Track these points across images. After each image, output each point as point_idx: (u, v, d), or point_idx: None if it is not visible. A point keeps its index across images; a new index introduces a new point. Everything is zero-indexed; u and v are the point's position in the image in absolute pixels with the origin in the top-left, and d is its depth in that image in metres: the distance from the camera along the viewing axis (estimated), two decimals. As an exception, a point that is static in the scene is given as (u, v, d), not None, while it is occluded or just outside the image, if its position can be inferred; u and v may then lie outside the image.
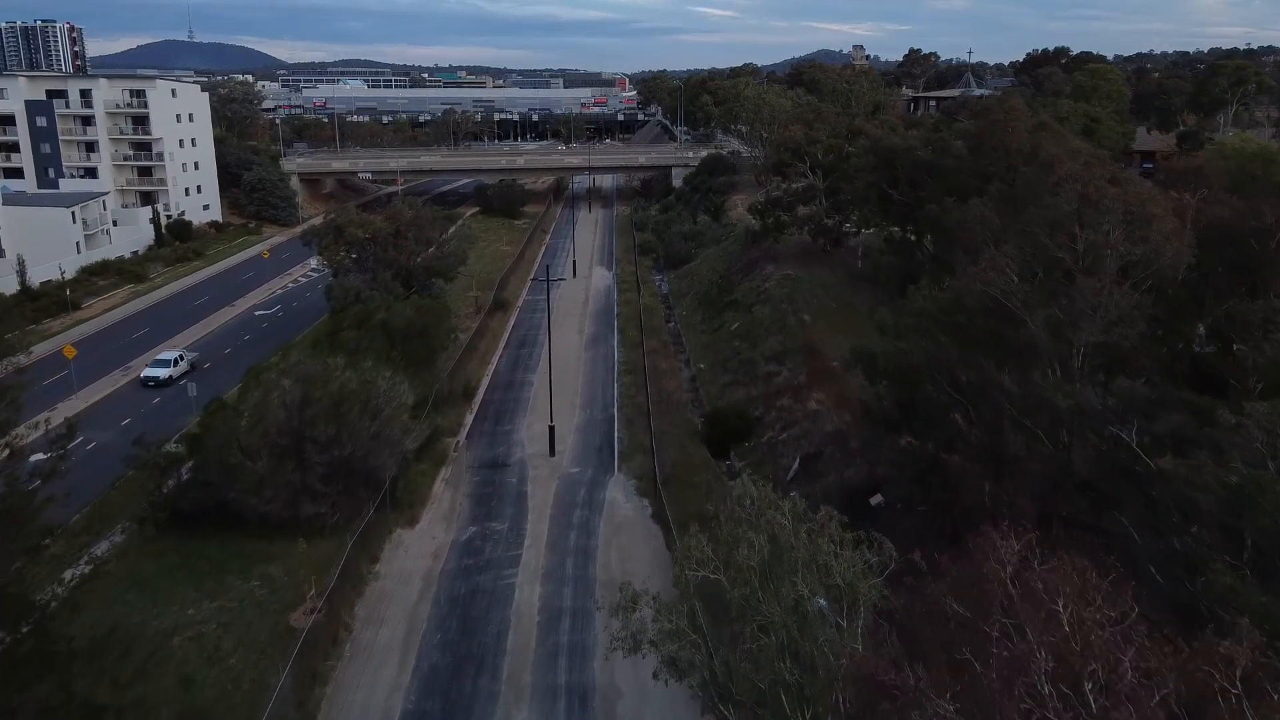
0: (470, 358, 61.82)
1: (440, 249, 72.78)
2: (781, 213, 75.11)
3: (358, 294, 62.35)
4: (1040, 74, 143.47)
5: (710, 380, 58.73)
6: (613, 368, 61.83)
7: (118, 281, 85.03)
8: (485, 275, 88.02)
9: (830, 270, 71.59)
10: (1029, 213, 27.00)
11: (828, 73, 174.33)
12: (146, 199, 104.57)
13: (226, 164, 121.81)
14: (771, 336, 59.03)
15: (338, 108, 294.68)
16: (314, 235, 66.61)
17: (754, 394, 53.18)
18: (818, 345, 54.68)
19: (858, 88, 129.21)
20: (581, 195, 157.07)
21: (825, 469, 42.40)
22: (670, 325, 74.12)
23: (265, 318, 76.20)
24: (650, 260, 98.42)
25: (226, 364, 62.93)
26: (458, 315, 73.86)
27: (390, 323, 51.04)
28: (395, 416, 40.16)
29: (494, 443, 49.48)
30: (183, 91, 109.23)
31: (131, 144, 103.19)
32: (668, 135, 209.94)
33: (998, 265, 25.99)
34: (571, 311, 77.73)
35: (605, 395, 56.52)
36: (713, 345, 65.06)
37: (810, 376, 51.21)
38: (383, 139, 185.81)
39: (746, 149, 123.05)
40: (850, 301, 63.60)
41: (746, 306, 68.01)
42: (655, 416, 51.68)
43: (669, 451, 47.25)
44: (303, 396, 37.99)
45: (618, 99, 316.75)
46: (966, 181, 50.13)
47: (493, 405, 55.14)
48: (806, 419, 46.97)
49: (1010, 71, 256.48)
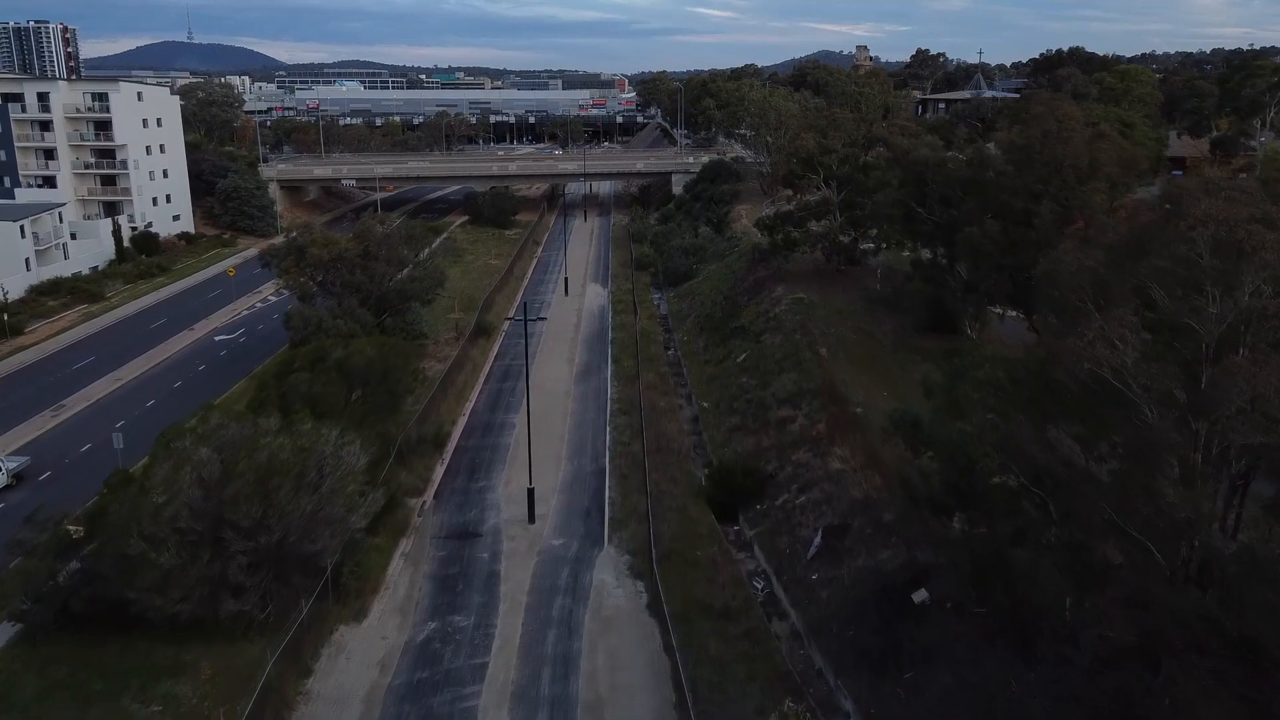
0: (445, 395, 55.09)
1: (417, 269, 66.01)
2: (792, 229, 68.46)
3: (319, 323, 55.58)
4: (1058, 75, 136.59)
5: (715, 423, 51.98)
6: (605, 406, 55.09)
7: (70, 301, 78.30)
8: (469, 294, 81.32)
9: (846, 293, 64.90)
10: (1145, 264, 20.23)
11: (834, 74, 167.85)
12: (111, 209, 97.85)
13: (201, 171, 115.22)
14: (784, 373, 52.28)
15: (331, 110, 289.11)
16: (273, 256, 59.86)
17: (765, 444, 46.42)
18: (837, 386, 47.95)
19: (868, 90, 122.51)
20: (577, 202, 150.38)
21: (853, 547, 35.62)
22: (670, 353, 67.38)
23: (226, 344, 69.46)
24: (648, 276, 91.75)
25: (174, 401, 56.21)
26: (435, 341, 67.37)
27: (348, 363, 44.25)
28: (340, 489, 33.39)
29: (465, 504, 42.72)
30: (150, 94, 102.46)
31: (93, 151, 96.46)
32: (667, 138, 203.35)
33: (1112, 335, 19.25)
34: (562, 335, 71.00)
35: (596, 442, 49.78)
36: (717, 379, 58.30)
37: (830, 425, 44.46)
38: (371, 143, 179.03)
39: (751, 155, 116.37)
40: (871, 332, 56.89)
41: (754, 334, 61.29)
42: (652, 470, 44.97)
43: (668, 517, 40.54)
44: (223, 470, 31.27)
45: (617, 100, 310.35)
46: (1010, 200, 43.48)
47: (467, 455, 48.40)
48: (828, 480, 40.21)
49: (1023, 72, 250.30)
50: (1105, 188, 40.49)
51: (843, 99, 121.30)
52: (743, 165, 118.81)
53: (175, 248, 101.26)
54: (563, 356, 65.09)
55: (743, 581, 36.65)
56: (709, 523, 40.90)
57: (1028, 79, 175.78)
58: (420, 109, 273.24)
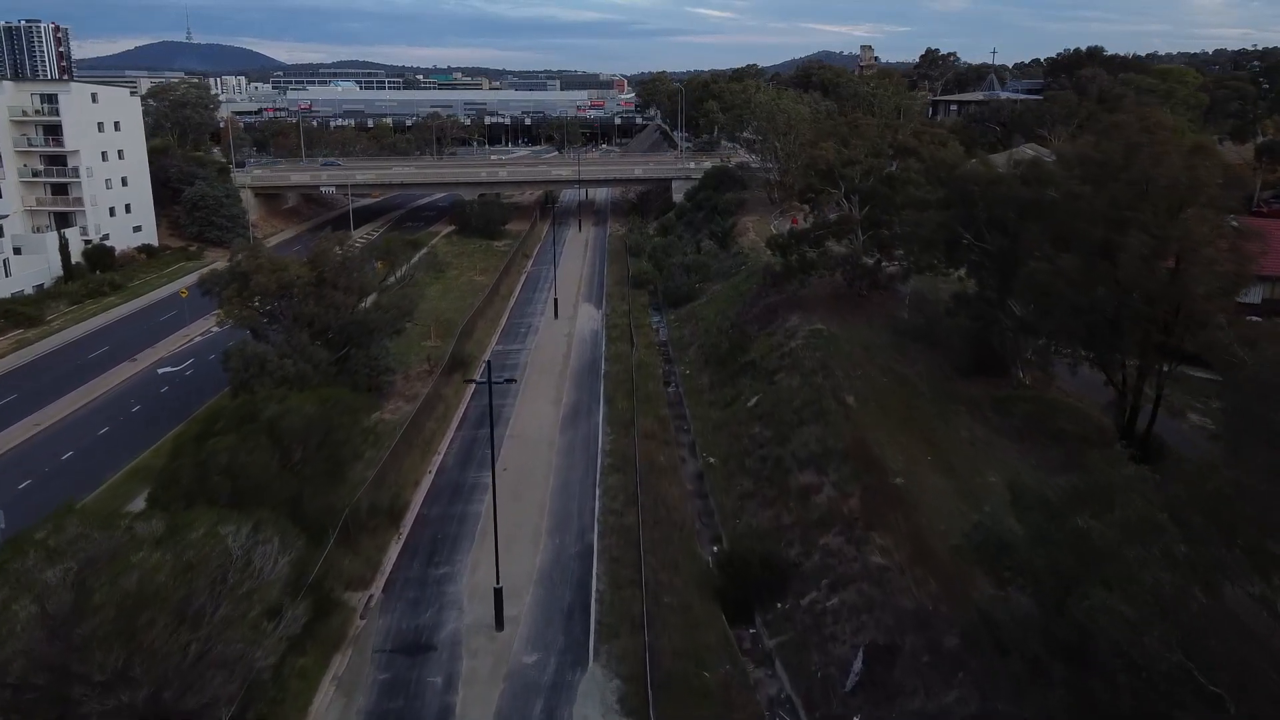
0: (408, 447, 47.27)
1: (384, 295, 58.18)
2: (808, 249, 60.69)
3: (263, 364, 47.81)
4: (1081, 76, 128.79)
5: (724, 485, 44.18)
6: (595, 461, 47.25)
7: (3, 326, 70.51)
8: (449, 317, 73.54)
9: (870, 324, 57.12)
10: None
11: (843, 75, 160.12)
12: (64, 221, 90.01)
13: (168, 178, 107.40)
14: (804, 425, 44.48)
15: (323, 111, 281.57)
16: (213, 283, 52.01)
17: (785, 519, 38.60)
18: (870, 447, 40.14)
19: (881, 92, 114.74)
20: (571, 209, 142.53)
21: (906, 680, 27.81)
22: (670, 389, 59.55)
23: (169, 378, 61.66)
24: (646, 294, 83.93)
25: (95, 453, 48.49)
26: (406, 375, 59.62)
27: (282, 424, 36.41)
28: (240, 616, 25.55)
29: (420, 601, 34.87)
30: (107, 96, 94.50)
31: (42, 157, 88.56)
32: (667, 141, 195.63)
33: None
34: (549, 368, 63.15)
35: (583, 512, 41.91)
36: (725, 427, 50.48)
37: (865, 499, 36.67)
38: (357, 146, 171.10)
39: (757, 161, 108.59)
40: (904, 374, 49.05)
41: (767, 372, 53.51)
42: (650, 552, 37.20)
43: (669, 621, 32.79)
44: (75, 603, 23.48)
45: (615, 101, 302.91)
46: (1087, 228, 35.63)
47: (429, 528, 40.54)
48: (867, 578, 32.41)
49: (1030, 73, 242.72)
50: (1210, 214, 32.69)
51: (854, 101, 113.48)
52: (748, 172, 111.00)
53: (134, 262, 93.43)
54: (548, 396, 57.23)
55: (763, 719, 28.94)
56: (719, 629, 33.13)
57: (1045, 80, 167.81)
58: (414, 110, 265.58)
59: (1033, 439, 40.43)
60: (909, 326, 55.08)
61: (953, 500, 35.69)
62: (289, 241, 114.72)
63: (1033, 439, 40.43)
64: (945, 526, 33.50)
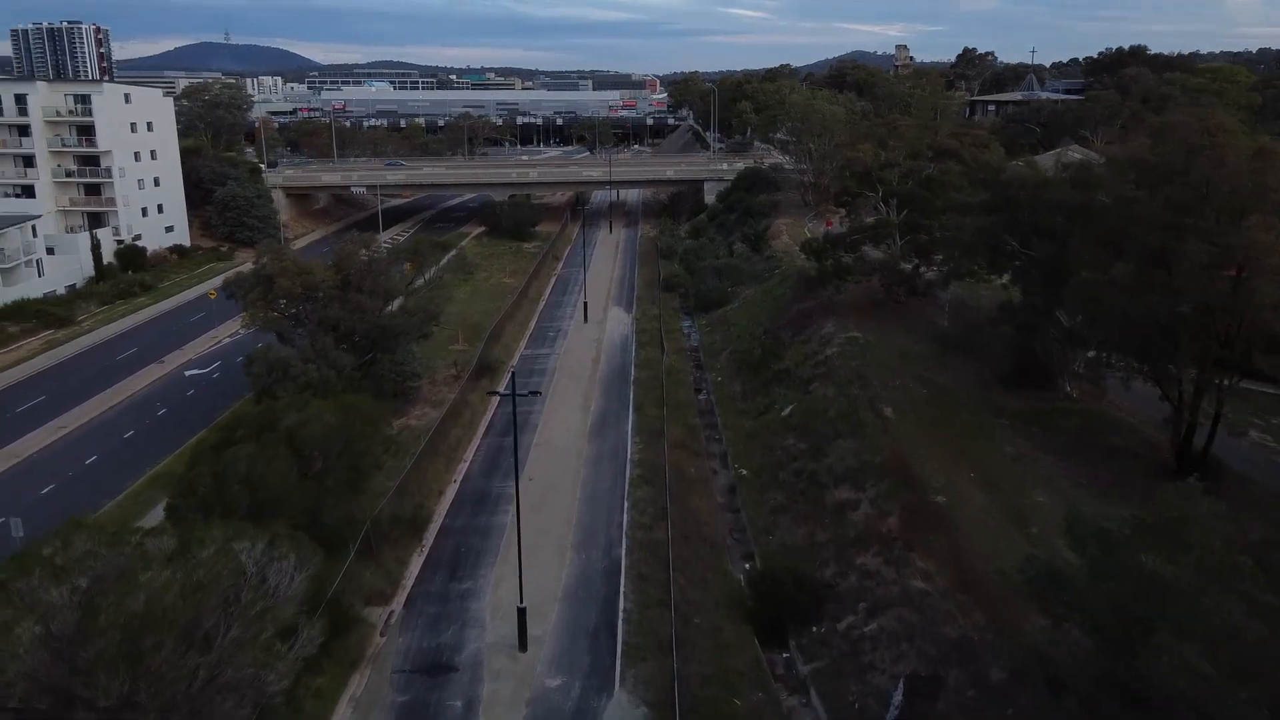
0: (433, 456, 46.28)
1: (410, 299, 57.37)
2: (844, 253, 59.09)
3: (286, 369, 47.08)
4: (1125, 76, 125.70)
5: (756, 499, 42.74)
6: (624, 472, 45.95)
7: (34, 327, 70.51)
8: (477, 320, 72.60)
9: (908, 331, 55.44)
10: None
11: (878, 75, 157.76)
12: (96, 221, 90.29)
13: (200, 179, 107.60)
14: (840, 438, 42.92)
15: (357, 111, 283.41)
16: (237, 286, 51.39)
17: (820, 537, 37.11)
18: (909, 462, 38.52)
19: (918, 92, 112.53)
20: (603, 210, 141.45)
21: (950, 716, 26.24)
22: (701, 396, 58.20)
23: (196, 380, 61.25)
24: (676, 297, 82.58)
25: (120, 456, 48.04)
26: (432, 380, 58.72)
27: (301, 433, 35.52)
28: (252, 638, 24.59)
29: (442, 618, 33.77)
30: (139, 97, 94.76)
31: (76, 157, 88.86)
32: (699, 142, 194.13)
33: None
34: (578, 374, 61.97)
35: (611, 525, 40.64)
36: (758, 437, 49.04)
37: (905, 519, 35.09)
38: (388, 146, 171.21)
39: (790, 162, 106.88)
40: (943, 385, 47.35)
41: (801, 381, 52.00)
42: (679, 568, 35.89)
43: (698, 644, 31.45)
44: (79, 624, 22.60)
45: (647, 102, 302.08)
46: (1141, 234, 33.83)
47: (453, 540, 39.46)
48: (907, 603, 30.86)
49: (1067, 73, 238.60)
50: (1276, 221, 30.82)
51: (891, 101, 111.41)
52: (781, 173, 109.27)
53: (166, 262, 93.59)
54: (577, 403, 56.05)
55: (797, 751, 27.56)
56: (751, 653, 31.75)
57: (1086, 79, 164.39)
58: (446, 110, 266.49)
59: (1081, 455, 38.66)
60: (948, 335, 53.38)
61: (997, 520, 34.06)
62: (319, 242, 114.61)
63: (1081, 455, 38.66)
64: (989, 548, 31.93)
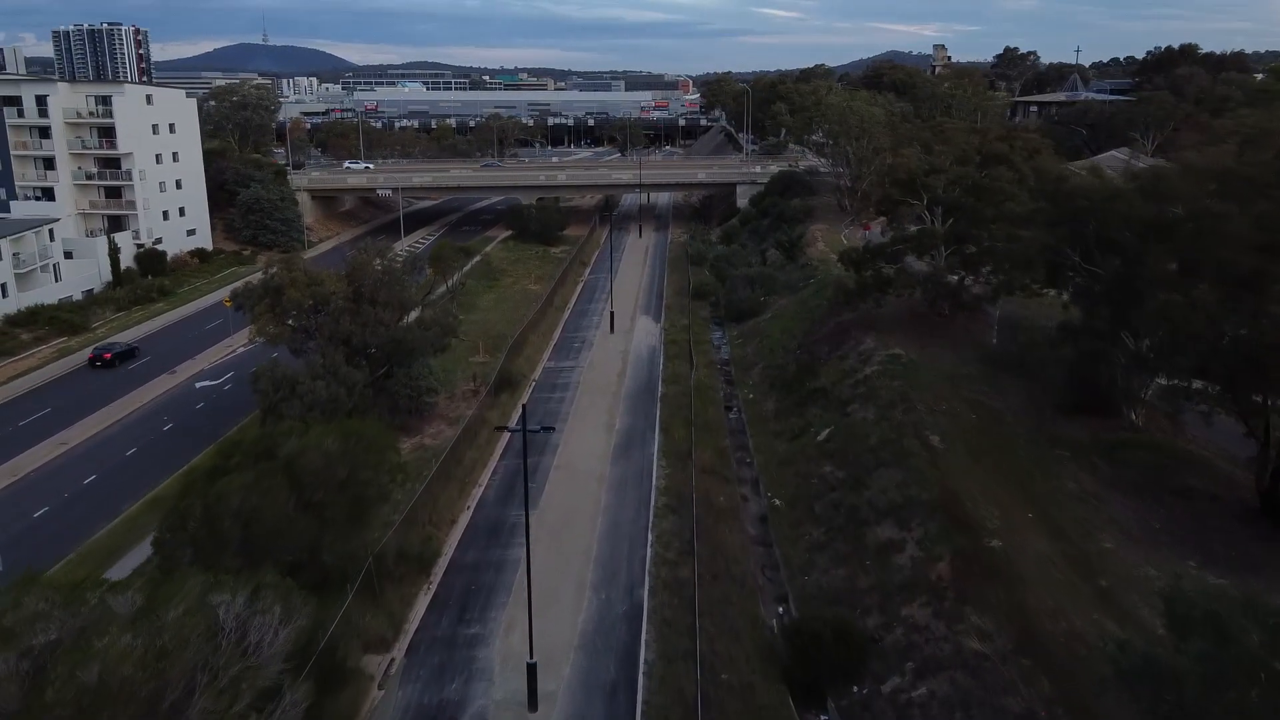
0: (445, 481, 43.53)
1: (428, 310, 54.77)
2: (884, 264, 55.67)
3: (293, 385, 44.62)
4: (1177, 75, 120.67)
5: (791, 532, 39.53)
6: (648, 500, 42.90)
7: (47, 334, 68.91)
8: (499, 329, 69.98)
9: (954, 349, 51.92)
10: None
11: (916, 75, 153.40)
12: (116, 224, 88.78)
13: (224, 181, 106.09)
14: (882, 468, 39.64)
15: (389, 111, 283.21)
16: (245, 298, 49.04)
17: (861, 581, 33.86)
18: (961, 500, 35.15)
19: (960, 93, 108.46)
20: (632, 214, 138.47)
21: (1015, 807, 22.99)
22: (732, 414, 55.05)
23: (206, 393, 59.03)
24: (707, 306, 79.44)
25: (120, 476, 45.79)
26: (450, 395, 56.04)
27: (300, 463, 32.87)
28: (223, 710, 21.84)
29: (446, 669, 30.92)
30: (161, 98, 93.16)
31: (96, 159, 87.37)
32: (732, 143, 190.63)
33: None
34: (602, 389, 59.03)
35: (633, 561, 37.62)
36: (792, 462, 45.79)
37: (957, 566, 31.75)
38: (416, 148, 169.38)
39: (826, 165, 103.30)
40: (995, 410, 43.83)
41: (839, 402, 48.70)
42: (706, 614, 32.83)
43: (727, 704, 28.44)
44: (25, 699, 19.98)
45: (680, 102, 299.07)
46: (1227, 253, 30.27)
47: (462, 577, 36.63)
48: (961, 666, 27.56)
49: (1110, 73, 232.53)
50: None
51: (932, 102, 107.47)
52: (817, 177, 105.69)
53: (186, 266, 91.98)
54: (600, 421, 53.09)
55: (838, 839, 24.39)
56: (785, 717, 28.60)
57: (1133, 79, 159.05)
58: (478, 111, 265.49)
59: (1152, 495, 35.11)
60: (998, 354, 49.87)
61: (1062, 571, 30.65)
62: (344, 245, 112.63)
63: (1152, 495, 35.11)
64: (1055, 604, 28.55)
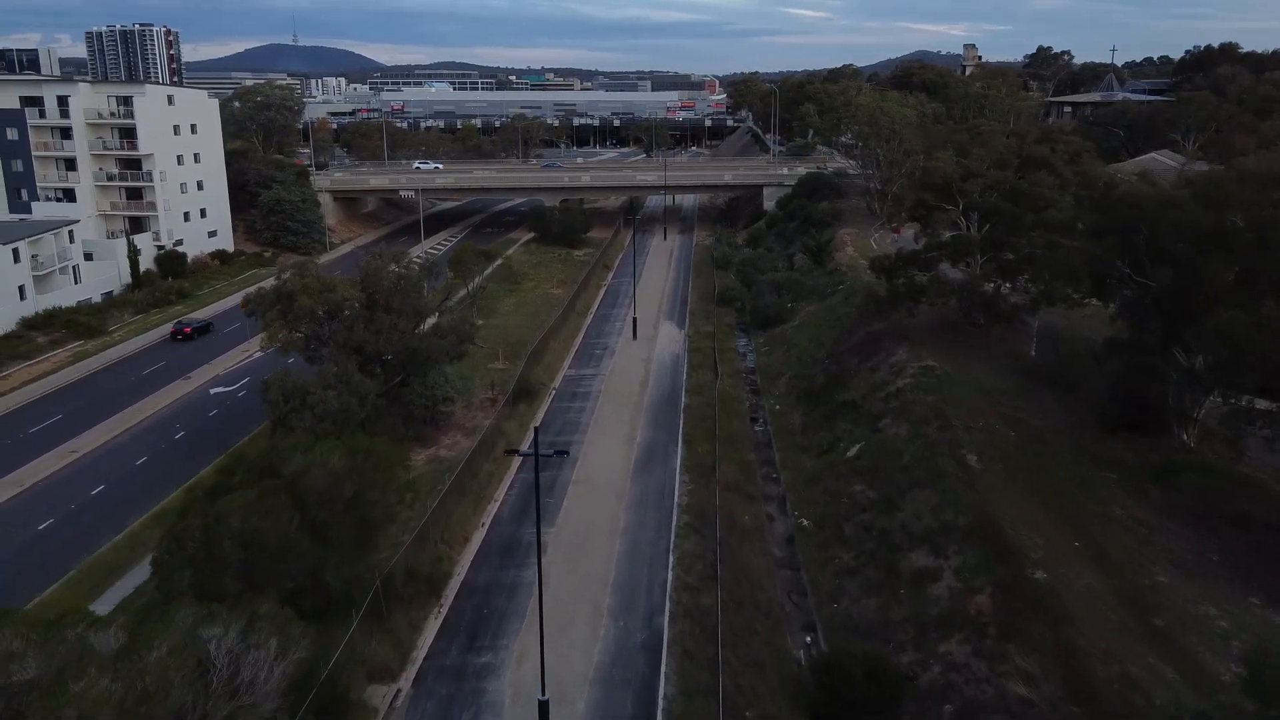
0: (459, 496, 41.96)
1: (445, 316, 53.35)
2: (917, 272, 53.59)
3: (304, 396, 43.27)
4: (1219, 75, 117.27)
5: (819, 556, 37.65)
6: (670, 519, 41.10)
7: (63, 337, 68.06)
8: (519, 335, 68.44)
9: (989, 361, 49.81)
10: None
11: (947, 75, 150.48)
12: (137, 225, 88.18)
13: (246, 182, 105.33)
14: (915, 489, 37.65)
15: (415, 112, 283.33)
16: (256, 304, 47.80)
17: (895, 612, 31.93)
18: (1001, 528, 33.12)
19: (993, 93, 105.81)
20: (657, 215, 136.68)
21: None
22: (757, 427, 53.18)
23: (220, 400, 57.87)
24: (732, 312, 77.56)
25: (129, 486, 44.63)
26: (467, 404, 54.53)
27: (304, 482, 31.44)
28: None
29: (454, 701, 29.29)
30: (182, 98, 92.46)
31: (118, 161, 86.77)
32: (758, 144, 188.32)
33: None
34: (624, 399, 57.30)
35: (653, 585, 35.87)
36: (820, 480, 43.87)
37: (998, 599, 29.76)
38: (440, 149, 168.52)
39: (855, 167, 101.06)
40: (1035, 427, 41.67)
41: (869, 416, 46.73)
42: (729, 644, 31.04)
43: (751, 748, 26.59)
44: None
45: (706, 103, 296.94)
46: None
47: (474, 600, 35.03)
48: (1005, 710, 25.60)
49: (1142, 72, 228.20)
50: None
51: (965, 103, 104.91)
52: (846, 180, 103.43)
53: (207, 268, 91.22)
54: (620, 433, 51.38)
55: None
56: (815, 762, 26.81)
57: (1171, 79, 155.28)
58: (503, 111, 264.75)
59: (1207, 523, 32.88)
60: (1037, 367, 47.69)
61: (1113, 608, 28.59)
62: (366, 247, 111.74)
63: (1207, 523, 32.88)
64: (1107, 646, 26.53)
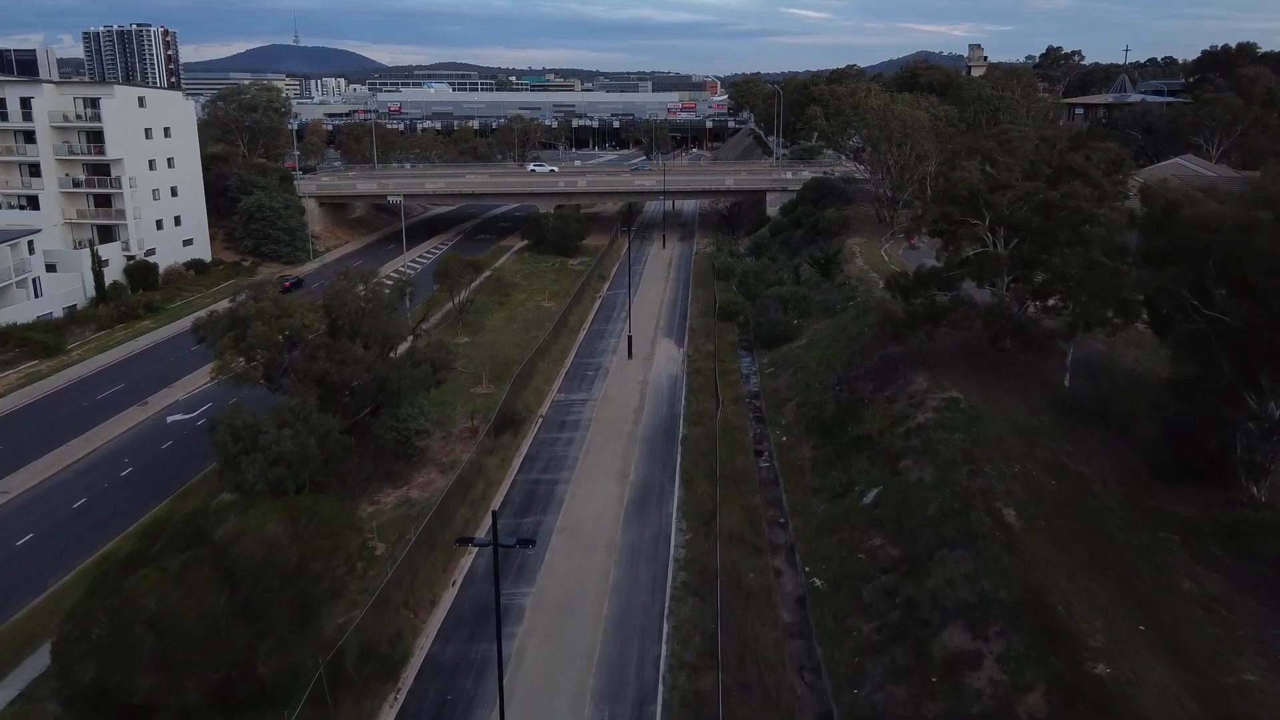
0: (428, 549, 37.20)
1: (418, 342, 48.62)
2: (938, 291, 48.80)
3: (255, 436, 38.47)
4: (1241, 75, 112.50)
5: (835, 625, 32.82)
6: (665, 576, 36.38)
7: (16, 357, 63.39)
8: (507, 354, 63.71)
9: (1020, 393, 44.97)
10: None
11: (956, 76, 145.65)
12: (107, 234, 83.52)
13: (226, 187, 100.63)
14: (947, 550, 32.81)
15: (413, 113, 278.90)
16: (207, 330, 43.06)
17: (928, 707, 27.02)
18: (1053, 605, 28.25)
19: (1008, 95, 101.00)
20: (656, 221, 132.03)
21: None
22: (763, 462, 48.43)
23: (178, 428, 53.14)
24: (734, 328, 72.80)
25: (63, 537, 39.84)
26: (445, 435, 49.81)
27: (233, 553, 26.69)
28: None
29: (404, 824, 24.62)
30: (155, 101, 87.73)
31: (85, 166, 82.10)
32: (761, 146, 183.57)
33: None
34: (617, 429, 52.55)
35: (645, 660, 31.11)
36: (834, 529, 39.04)
37: (1053, 700, 24.91)
38: (433, 152, 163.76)
39: (864, 172, 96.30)
40: (1080, 475, 36.81)
41: (888, 455, 41.92)
42: (733, 747, 26.26)
43: None
44: None
45: (707, 104, 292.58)
46: None
47: (437, 683, 30.26)
48: None
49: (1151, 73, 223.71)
50: None
51: (977, 105, 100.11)
52: (853, 185, 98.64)
53: (181, 279, 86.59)
54: (612, 469, 46.61)
55: None
56: None
57: (1187, 79, 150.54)
58: (502, 112, 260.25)
59: (1296, 600, 28.08)
60: (1076, 400, 42.83)
61: (1193, 713, 23.76)
62: (353, 255, 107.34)
63: (1296, 600, 28.08)
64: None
